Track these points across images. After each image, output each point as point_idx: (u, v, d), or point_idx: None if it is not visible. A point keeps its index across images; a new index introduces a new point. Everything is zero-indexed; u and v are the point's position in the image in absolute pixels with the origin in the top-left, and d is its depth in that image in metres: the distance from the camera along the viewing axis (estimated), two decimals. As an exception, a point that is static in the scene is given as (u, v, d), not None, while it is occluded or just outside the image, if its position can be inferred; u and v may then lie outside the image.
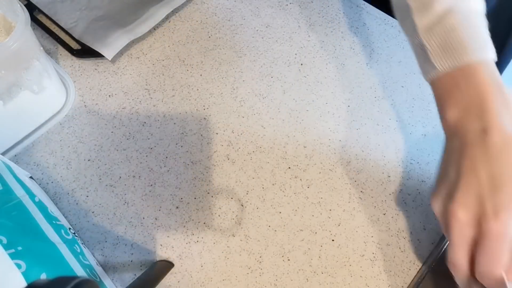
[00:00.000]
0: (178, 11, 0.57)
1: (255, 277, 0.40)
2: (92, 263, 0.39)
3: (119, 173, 0.45)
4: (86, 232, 0.42)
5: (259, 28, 0.56)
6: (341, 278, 0.40)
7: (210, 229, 0.42)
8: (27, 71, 0.41)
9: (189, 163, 0.46)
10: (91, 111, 0.49)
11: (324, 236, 0.42)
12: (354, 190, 0.45)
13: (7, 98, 0.40)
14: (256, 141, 0.48)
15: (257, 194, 0.44)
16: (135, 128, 0.48)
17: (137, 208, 0.43)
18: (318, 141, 0.48)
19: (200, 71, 0.52)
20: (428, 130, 0.49)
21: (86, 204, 0.44)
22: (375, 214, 0.44)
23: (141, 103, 0.50)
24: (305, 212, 0.44)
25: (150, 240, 0.42)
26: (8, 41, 0.36)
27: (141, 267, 0.41)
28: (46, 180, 0.45)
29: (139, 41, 0.54)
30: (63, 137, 0.47)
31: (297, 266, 0.41)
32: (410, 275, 0.41)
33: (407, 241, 0.42)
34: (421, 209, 0.44)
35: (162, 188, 0.44)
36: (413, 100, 0.51)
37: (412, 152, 0.47)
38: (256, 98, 0.50)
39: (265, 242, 0.42)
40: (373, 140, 0.48)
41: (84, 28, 0.53)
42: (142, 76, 0.52)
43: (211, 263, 0.41)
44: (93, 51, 0.50)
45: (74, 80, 0.51)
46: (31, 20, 0.40)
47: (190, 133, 0.48)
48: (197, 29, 0.56)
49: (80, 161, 0.46)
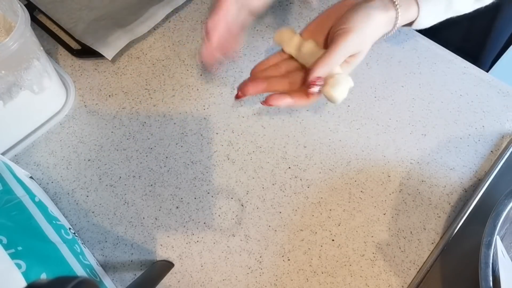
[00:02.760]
0: (178, 11, 0.57)
1: (255, 277, 0.40)
2: (92, 263, 0.39)
3: (119, 173, 0.45)
4: (86, 232, 0.42)
5: (259, 28, 0.56)
6: (341, 278, 0.40)
7: (210, 229, 0.42)
8: (27, 71, 0.41)
9: (189, 163, 0.46)
10: (91, 111, 0.49)
11: (324, 236, 0.42)
12: (354, 190, 0.45)
13: (7, 98, 0.40)
14: (256, 141, 0.48)
15: (257, 194, 0.44)
16: (135, 128, 0.48)
17: (137, 208, 0.43)
18: (318, 141, 0.48)
19: (200, 71, 0.52)
20: (428, 130, 0.49)
21: (86, 204, 0.44)
22: (375, 214, 0.44)
23: (141, 103, 0.50)
24: (305, 212, 0.44)
25: (150, 240, 0.42)
26: (8, 41, 0.36)
27: (141, 267, 0.41)
28: (46, 180, 0.45)
29: (139, 41, 0.54)
30: (63, 137, 0.47)
31: (297, 266, 0.41)
32: (410, 275, 0.41)
33: (407, 241, 0.42)
34: (421, 209, 0.44)
35: (162, 188, 0.44)
36: (413, 100, 0.51)
37: (412, 152, 0.47)
38: (256, 98, 0.50)
39: (265, 242, 0.42)
40: (373, 140, 0.48)
41: (84, 28, 0.53)
42: (142, 76, 0.52)
43: (211, 263, 0.41)
44: (93, 51, 0.50)
45: (74, 80, 0.51)
46: (31, 20, 0.40)
47: (190, 133, 0.48)
48: (197, 29, 0.55)
49: (80, 161, 0.46)
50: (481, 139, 0.48)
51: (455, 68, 0.53)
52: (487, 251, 0.36)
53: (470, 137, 0.49)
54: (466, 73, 0.53)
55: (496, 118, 0.50)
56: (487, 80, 0.52)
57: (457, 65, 0.54)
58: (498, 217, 0.38)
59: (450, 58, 0.54)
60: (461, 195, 0.45)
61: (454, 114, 0.50)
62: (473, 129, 0.49)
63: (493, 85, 0.52)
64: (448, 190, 0.45)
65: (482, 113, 0.50)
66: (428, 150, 0.48)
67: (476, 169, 0.47)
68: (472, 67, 0.54)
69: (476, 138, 0.49)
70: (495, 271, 0.36)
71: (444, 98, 0.51)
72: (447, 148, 0.48)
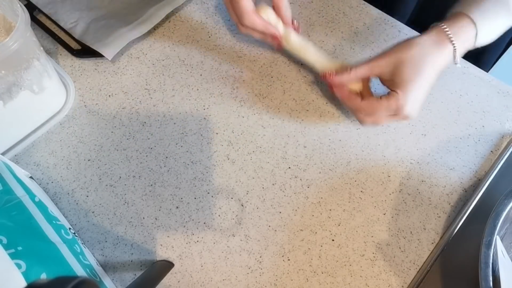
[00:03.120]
0: (178, 11, 0.57)
1: (255, 277, 0.40)
2: (92, 263, 0.39)
3: (119, 173, 0.45)
4: (86, 232, 0.42)
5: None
6: (341, 278, 0.40)
7: (210, 229, 0.42)
8: (27, 71, 0.41)
9: (189, 163, 0.46)
10: (91, 111, 0.49)
11: (324, 236, 0.42)
12: (354, 190, 0.45)
13: (7, 98, 0.40)
14: (256, 141, 0.48)
15: (257, 194, 0.44)
16: (135, 128, 0.48)
17: (137, 208, 0.43)
18: (318, 141, 0.48)
19: (200, 71, 0.52)
20: (428, 130, 0.49)
21: (86, 204, 0.44)
22: (375, 214, 0.44)
23: (141, 103, 0.50)
24: (305, 212, 0.44)
25: (150, 240, 0.42)
26: (8, 41, 0.36)
27: (141, 267, 0.41)
28: (46, 180, 0.45)
29: (139, 41, 0.54)
30: (63, 137, 0.47)
31: (297, 266, 0.41)
32: (410, 275, 0.41)
33: (407, 241, 0.42)
34: (421, 209, 0.44)
35: (162, 188, 0.44)
36: (413, 100, 0.51)
37: (412, 152, 0.47)
38: (256, 98, 0.50)
39: (265, 242, 0.42)
40: (373, 140, 0.48)
41: (84, 28, 0.53)
42: (142, 76, 0.52)
43: (211, 263, 0.41)
44: (93, 51, 0.50)
45: (74, 80, 0.51)
46: (31, 20, 0.40)
47: (190, 133, 0.48)
48: (197, 29, 0.55)
49: (80, 161, 0.46)
50: (481, 139, 0.48)
51: (455, 68, 0.53)
52: (487, 251, 0.36)
53: (470, 137, 0.49)
54: (466, 73, 0.53)
55: (496, 118, 0.50)
56: (487, 80, 0.52)
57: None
58: (498, 217, 0.38)
59: (450, 58, 0.54)
60: (461, 195, 0.45)
61: (454, 114, 0.50)
62: (473, 129, 0.49)
63: (493, 85, 0.52)
64: (448, 190, 0.45)
65: (482, 113, 0.50)
66: (428, 150, 0.48)
67: (476, 169, 0.47)
68: (472, 67, 0.53)
69: (476, 138, 0.49)
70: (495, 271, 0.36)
71: (444, 98, 0.51)
72: (447, 148, 0.48)
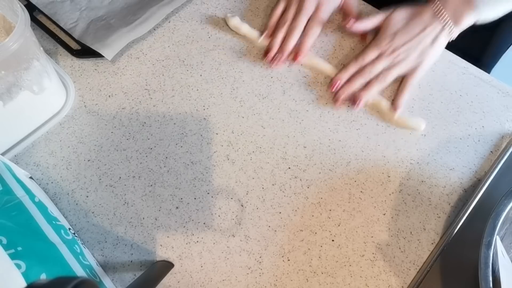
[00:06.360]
0: (178, 11, 0.57)
1: (255, 277, 0.40)
2: (92, 263, 0.39)
3: (119, 173, 0.45)
4: (86, 232, 0.42)
5: (259, 29, 0.56)
6: (341, 278, 0.40)
7: (210, 229, 0.42)
8: (27, 71, 0.41)
9: (189, 163, 0.46)
10: (91, 111, 0.49)
11: (324, 236, 0.42)
12: (354, 190, 0.45)
13: (7, 98, 0.40)
14: (256, 141, 0.48)
15: (257, 194, 0.44)
16: (135, 128, 0.48)
17: (137, 208, 0.43)
18: (318, 141, 0.48)
19: (200, 71, 0.52)
20: (428, 130, 0.49)
21: (86, 204, 0.44)
22: (375, 214, 0.44)
23: (141, 103, 0.50)
24: (305, 212, 0.44)
25: (150, 240, 0.42)
26: (8, 41, 0.36)
27: (141, 267, 0.41)
28: (46, 180, 0.45)
29: (139, 41, 0.54)
30: (63, 138, 0.47)
31: (297, 266, 0.41)
32: (410, 276, 0.41)
33: (407, 241, 0.42)
34: (421, 209, 0.44)
35: (162, 188, 0.44)
36: (413, 100, 0.51)
37: (412, 153, 0.47)
38: (256, 98, 0.50)
39: (265, 242, 0.42)
40: (373, 140, 0.48)
41: (84, 28, 0.53)
42: (142, 76, 0.52)
43: (211, 263, 0.41)
44: (93, 51, 0.50)
45: (74, 80, 0.51)
46: (31, 20, 0.39)
47: (190, 133, 0.48)
48: (197, 29, 0.56)
49: (80, 162, 0.46)
50: (481, 139, 0.48)
51: (455, 68, 0.53)
52: (487, 251, 0.36)
53: (470, 137, 0.49)
54: (466, 73, 0.53)
55: (496, 118, 0.50)
56: (487, 80, 0.52)
57: (457, 65, 0.54)
58: (498, 217, 0.38)
59: (450, 58, 0.54)
60: (461, 195, 0.45)
61: (454, 114, 0.50)
62: (473, 129, 0.49)
63: (493, 85, 0.52)
64: (448, 190, 0.45)
65: (482, 113, 0.50)
66: (428, 150, 0.48)
67: (476, 169, 0.47)
68: (472, 67, 0.53)
69: (476, 138, 0.49)
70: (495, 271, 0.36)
71: (444, 98, 0.51)
72: (447, 148, 0.48)
